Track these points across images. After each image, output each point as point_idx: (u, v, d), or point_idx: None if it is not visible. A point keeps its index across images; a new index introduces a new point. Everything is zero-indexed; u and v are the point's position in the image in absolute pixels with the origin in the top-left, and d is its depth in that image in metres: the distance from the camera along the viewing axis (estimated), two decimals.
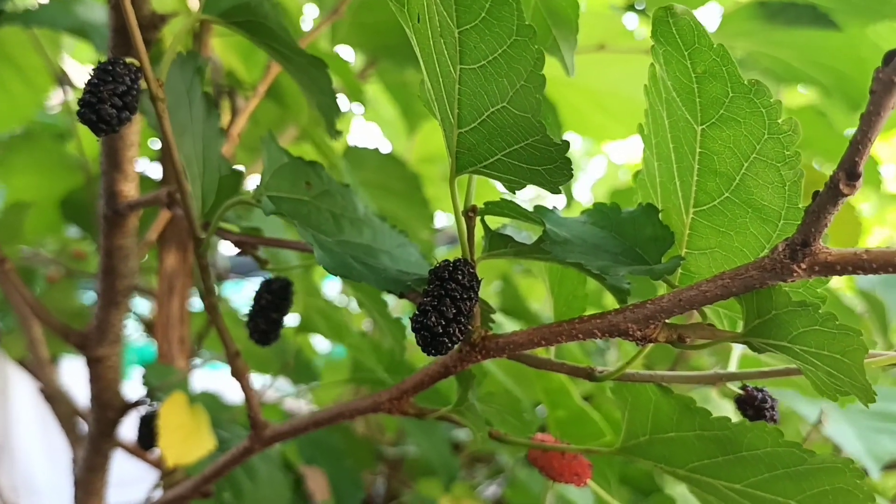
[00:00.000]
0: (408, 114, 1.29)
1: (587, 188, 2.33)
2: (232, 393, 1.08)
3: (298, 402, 1.61)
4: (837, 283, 1.72)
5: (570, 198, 1.31)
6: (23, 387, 1.94)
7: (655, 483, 0.92)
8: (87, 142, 1.17)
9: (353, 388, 1.40)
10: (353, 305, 1.47)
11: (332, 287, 1.74)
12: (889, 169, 2.17)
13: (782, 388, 0.87)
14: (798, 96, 1.33)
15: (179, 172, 0.52)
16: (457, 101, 0.45)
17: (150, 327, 1.19)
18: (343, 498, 1.14)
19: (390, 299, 0.63)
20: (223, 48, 1.10)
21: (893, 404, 1.07)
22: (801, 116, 1.20)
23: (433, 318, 0.46)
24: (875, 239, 2.12)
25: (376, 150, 1.20)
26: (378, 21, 1.11)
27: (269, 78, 0.89)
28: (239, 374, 0.61)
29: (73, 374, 1.27)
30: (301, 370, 1.31)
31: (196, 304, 1.13)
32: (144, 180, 1.13)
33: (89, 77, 0.48)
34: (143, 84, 0.50)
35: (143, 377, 0.85)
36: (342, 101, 1.21)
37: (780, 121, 0.43)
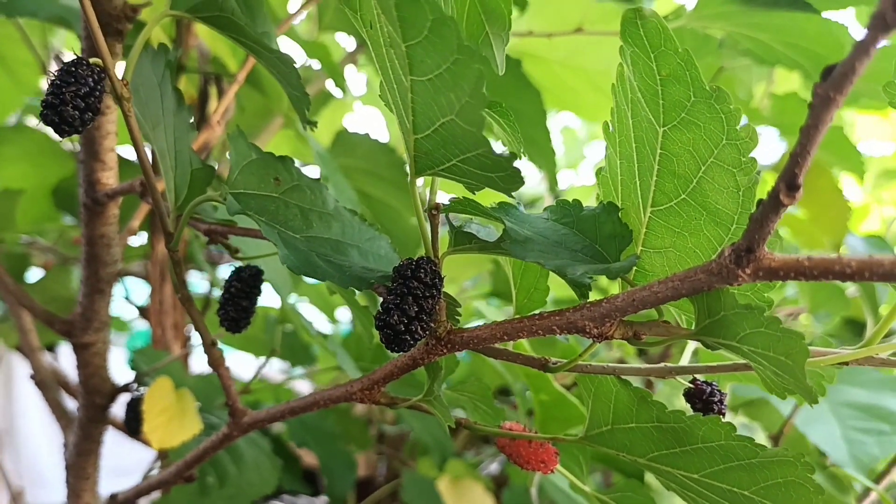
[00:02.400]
0: None
1: (590, 169, 2.33)
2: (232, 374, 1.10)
3: (304, 383, 1.63)
4: None
5: (554, 184, 1.32)
6: (26, 373, 1.97)
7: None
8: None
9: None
10: None
11: None
12: (889, 147, 2.16)
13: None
14: (784, 83, 1.34)
15: (147, 170, 0.53)
16: (411, 109, 0.45)
17: (144, 312, 1.21)
18: (335, 480, 1.16)
19: None
20: (209, 35, 1.11)
21: (884, 397, 1.06)
22: (786, 103, 1.20)
23: (395, 317, 0.47)
24: (875, 219, 2.11)
25: (366, 135, 1.21)
26: None
27: (248, 66, 0.89)
28: (215, 364, 0.63)
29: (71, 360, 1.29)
30: (298, 352, 1.33)
31: (192, 289, 1.14)
32: (129, 165, 1.14)
33: (52, 78, 0.49)
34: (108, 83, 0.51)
35: (132, 362, 0.87)
36: (333, 88, 1.22)
37: (738, 127, 0.44)
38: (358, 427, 1.36)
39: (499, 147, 0.45)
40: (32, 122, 1.34)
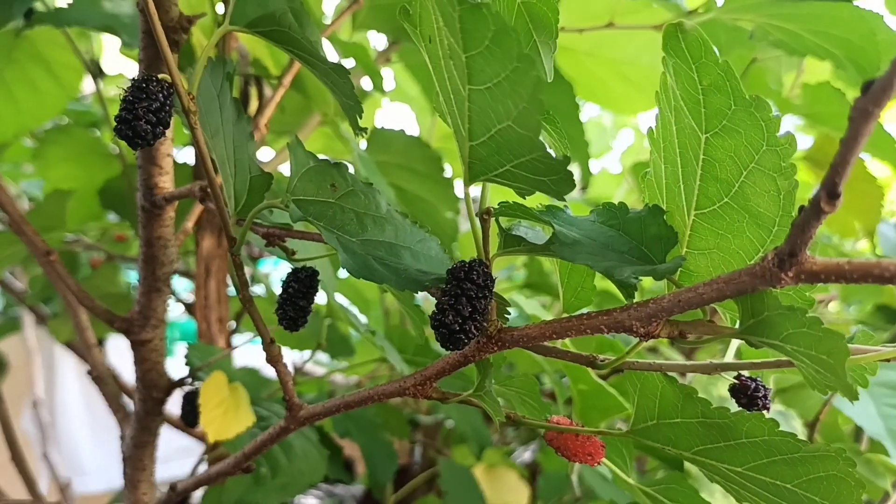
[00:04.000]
0: (429, 92, 1.31)
1: (617, 159, 2.34)
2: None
3: (341, 377, 1.66)
4: (863, 246, 1.73)
5: (587, 175, 1.34)
6: (69, 367, 2.02)
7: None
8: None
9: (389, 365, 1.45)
10: None
11: None
12: None
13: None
14: (815, 73, 1.34)
15: (212, 177, 0.56)
16: (467, 117, 0.48)
17: (190, 308, 1.24)
18: (376, 469, 1.19)
19: None
20: (249, 39, 1.14)
21: None
22: (819, 92, 1.21)
23: (451, 317, 0.50)
24: None
25: (401, 132, 1.23)
26: (395, 3, 1.14)
27: (293, 70, 0.92)
28: (274, 361, 0.65)
29: (119, 354, 1.33)
30: (337, 345, 1.36)
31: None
32: (183, 168, 1.17)
33: (124, 94, 0.52)
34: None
35: (186, 357, 0.90)
36: (367, 85, 1.24)
37: (778, 134, 0.46)
38: (396, 417, 1.39)
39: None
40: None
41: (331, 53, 0.82)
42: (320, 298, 0.69)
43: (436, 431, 1.75)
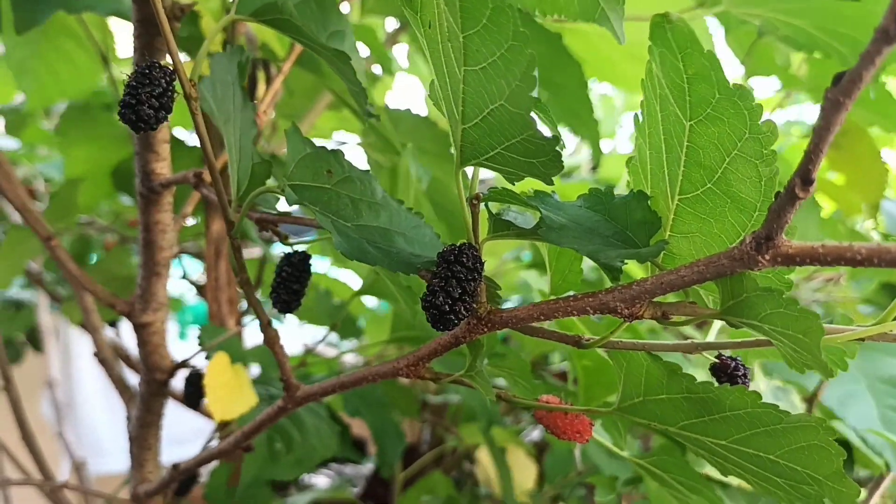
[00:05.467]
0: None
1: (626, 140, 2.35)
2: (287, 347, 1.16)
3: (352, 358, 1.69)
4: (870, 226, 1.73)
5: (597, 154, 1.34)
6: (85, 348, 2.05)
7: None
8: None
9: (396, 344, 1.48)
10: None
11: None
12: None
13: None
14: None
15: (212, 163, 0.58)
16: (461, 100, 0.49)
17: (201, 290, 1.26)
18: (386, 448, 1.22)
19: None
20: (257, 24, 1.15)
21: None
22: (825, 67, 1.21)
23: (440, 298, 0.51)
24: None
25: (408, 111, 1.24)
26: None
27: (294, 56, 0.93)
28: (271, 342, 0.67)
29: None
30: (346, 327, 1.38)
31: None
32: (182, 149, 1.19)
33: (128, 79, 0.53)
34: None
35: (199, 338, 0.93)
36: (377, 68, 1.25)
37: (760, 122, 0.47)
38: (404, 396, 1.41)
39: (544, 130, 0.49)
40: None
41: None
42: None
43: (444, 411, 1.78)
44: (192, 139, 1.36)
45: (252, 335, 1.26)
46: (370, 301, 1.67)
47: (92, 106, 1.32)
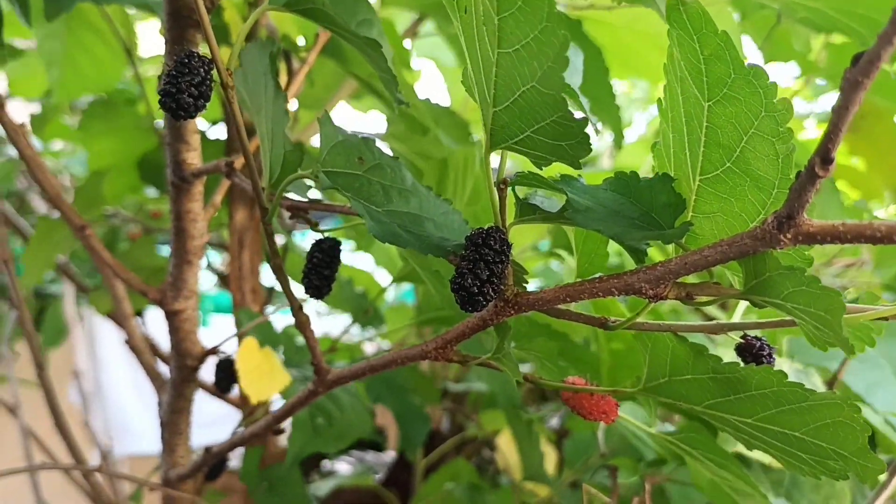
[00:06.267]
0: (464, 63, 1.33)
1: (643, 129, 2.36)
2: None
3: (372, 346, 1.71)
4: (893, 211, 1.73)
5: (620, 139, 1.35)
6: (111, 336, 2.09)
7: None
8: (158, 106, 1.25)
9: (417, 331, 1.49)
10: None
11: None
12: None
13: None
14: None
15: (247, 152, 0.59)
16: (493, 83, 0.51)
17: (224, 279, 1.28)
18: (409, 432, 1.24)
19: None
20: (278, 14, 1.17)
21: None
22: (843, 52, 1.21)
23: (469, 280, 0.53)
24: None
25: (427, 100, 1.26)
26: None
27: (319, 45, 0.94)
28: (303, 327, 0.69)
29: (158, 324, 1.38)
30: (370, 315, 1.40)
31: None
32: (215, 143, 1.21)
33: (168, 68, 0.55)
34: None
35: (237, 321, 0.96)
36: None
37: (775, 100, 0.48)
38: (425, 383, 1.43)
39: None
40: None
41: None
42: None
43: (464, 398, 1.79)
44: (212, 132, 1.38)
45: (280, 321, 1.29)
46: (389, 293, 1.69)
47: (115, 101, 1.34)
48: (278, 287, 1.30)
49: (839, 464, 0.54)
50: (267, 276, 1.25)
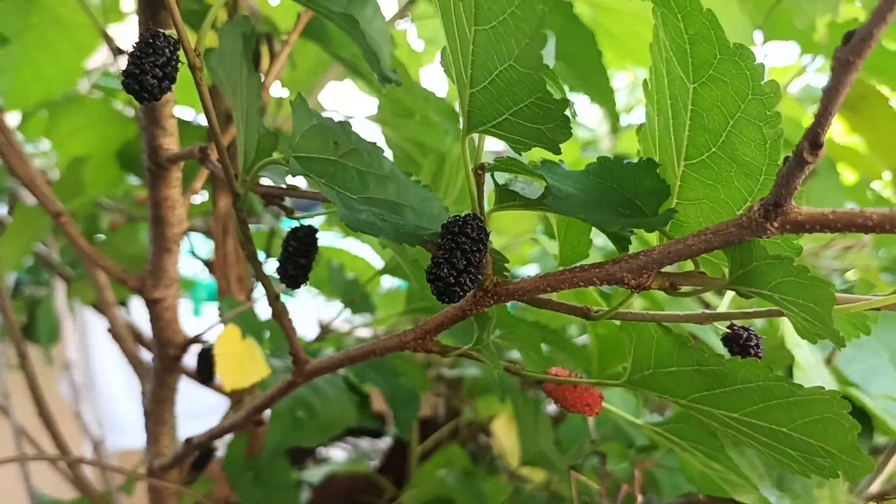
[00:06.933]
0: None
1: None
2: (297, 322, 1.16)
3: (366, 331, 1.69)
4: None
5: (616, 122, 1.33)
6: (102, 327, 2.08)
7: None
8: None
9: (409, 319, 1.47)
10: None
11: None
12: None
13: None
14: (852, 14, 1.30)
15: (217, 135, 0.57)
16: (471, 62, 0.48)
17: (210, 267, 1.26)
18: (400, 412, 1.22)
19: None
20: None
21: None
22: (845, 31, 1.18)
23: (445, 270, 0.51)
24: None
25: (416, 84, 1.23)
26: None
27: (300, 26, 0.92)
28: (279, 316, 0.67)
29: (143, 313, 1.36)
30: (360, 302, 1.38)
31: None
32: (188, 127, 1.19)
33: (132, 49, 0.53)
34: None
35: (219, 310, 0.94)
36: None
37: (762, 83, 0.46)
38: (417, 370, 1.41)
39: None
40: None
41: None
42: None
43: (459, 384, 1.78)
44: (201, 118, 1.35)
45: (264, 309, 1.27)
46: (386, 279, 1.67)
47: (82, 97, 1.30)
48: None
49: (828, 461, 0.52)
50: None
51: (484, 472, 1.56)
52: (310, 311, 1.56)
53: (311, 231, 0.66)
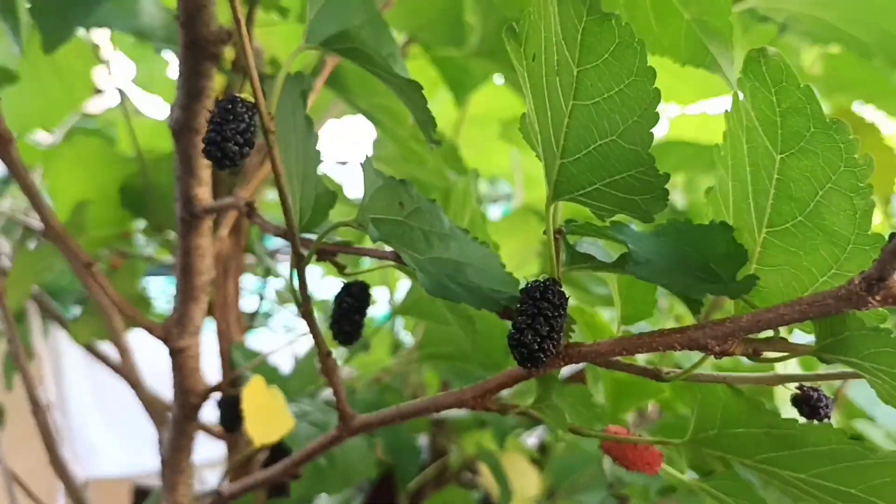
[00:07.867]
0: (454, 85, 1.31)
1: None
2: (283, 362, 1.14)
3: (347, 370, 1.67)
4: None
5: None
6: (75, 356, 2.02)
7: None
8: (141, 132, 1.20)
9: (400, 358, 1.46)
10: None
11: None
12: None
13: None
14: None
15: (286, 197, 0.56)
16: (563, 134, 0.48)
17: (210, 308, 1.24)
18: (402, 462, 1.21)
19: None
20: (265, 36, 1.13)
21: None
22: (843, 59, 1.22)
23: (529, 336, 0.51)
24: None
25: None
26: (419, 5, 1.14)
27: (326, 74, 0.92)
28: (329, 372, 0.66)
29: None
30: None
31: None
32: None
33: (212, 115, 0.52)
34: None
35: (232, 359, 0.92)
36: None
37: (856, 155, 0.47)
38: None
39: None
40: None
41: None
42: None
43: (442, 422, 1.77)
44: None
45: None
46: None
47: (81, 138, 1.28)
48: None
49: None
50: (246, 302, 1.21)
51: None
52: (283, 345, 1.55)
53: (364, 287, 0.66)
